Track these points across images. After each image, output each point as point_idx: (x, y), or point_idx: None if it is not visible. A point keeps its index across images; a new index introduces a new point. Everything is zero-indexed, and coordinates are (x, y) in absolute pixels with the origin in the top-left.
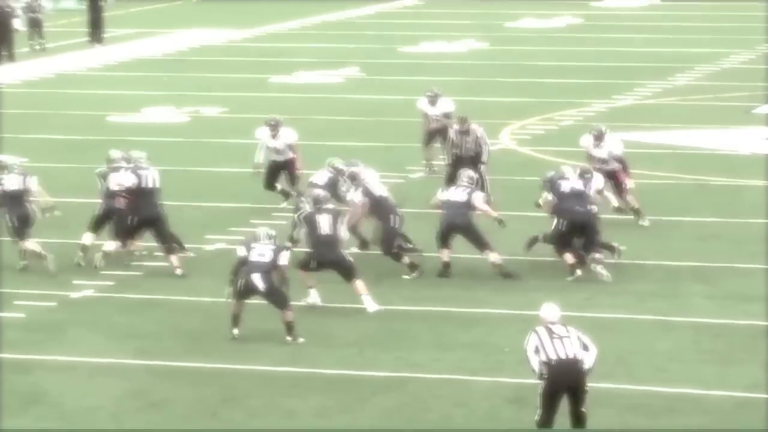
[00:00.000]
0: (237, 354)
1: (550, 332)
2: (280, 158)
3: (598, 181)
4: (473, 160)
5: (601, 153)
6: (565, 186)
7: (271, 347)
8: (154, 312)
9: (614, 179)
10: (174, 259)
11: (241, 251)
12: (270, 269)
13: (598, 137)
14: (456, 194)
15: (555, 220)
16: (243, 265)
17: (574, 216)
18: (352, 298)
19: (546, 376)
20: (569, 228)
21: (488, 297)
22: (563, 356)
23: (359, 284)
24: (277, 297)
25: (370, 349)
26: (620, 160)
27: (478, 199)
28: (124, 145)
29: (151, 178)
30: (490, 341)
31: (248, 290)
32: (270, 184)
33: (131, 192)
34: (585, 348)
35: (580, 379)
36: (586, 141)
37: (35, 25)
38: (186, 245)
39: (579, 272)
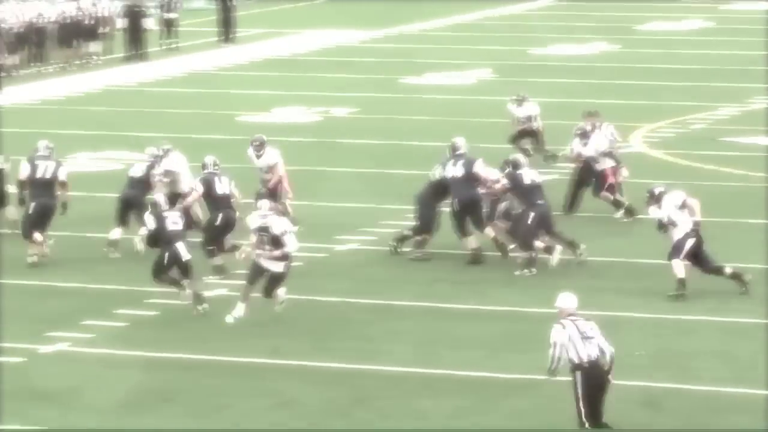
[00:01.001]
0: (368, 354)
1: (580, 332)
2: (267, 177)
3: None
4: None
5: (588, 151)
6: (527, 178)
7: (402, 348)
8: (286, 312)
9: (601, 178)
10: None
11: (151, 223)
12: (185, 235)
13: (583, 135)
14: (455, 170)
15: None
16: (158, 237)
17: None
18: (483, 299)
19: (581, 379)
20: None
21: (617, 300)
22: (594, 357)
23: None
24: (190, 267)
25: (502, 350)
26: (609, 155)
27: (479, 166)
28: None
29: (50, 169)
30: (621, 344)
31: (173, 261)
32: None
33: (28, 181)
34: (602, 351)
35: (607, 379)
36: (575, 143)
37: (169, 24)
38: (316, 245)
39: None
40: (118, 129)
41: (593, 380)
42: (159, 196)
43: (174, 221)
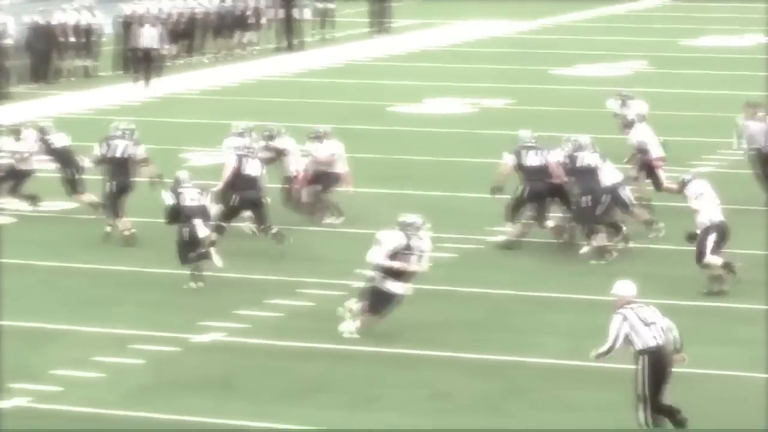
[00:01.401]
0: (520, 346)
1: (641, 318)
2: (329, 170)
3: None
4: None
5: (631, 141)
6: (582, 161)
7: (552, 340)
8: (439, 302)
9: (650, 168)
10: (119, 222)
11: (168, 199)
12: (205, 212)
13: (627, 125)
14: (532, 159)
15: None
16: (177, 213)
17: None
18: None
19: (647, 362)
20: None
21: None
22: (658, 342)
23: None
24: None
25: None
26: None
27: (553, 157)
28: (402, 136)
29: (122, 148)
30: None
31: (193, 238)
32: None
33: (104, 159)
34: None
35: (671, 365)
36: (631, 133)
37: (325, 14)
38: (469, 237)
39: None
40: (273, 119)
41: (658, 365)
42: (183, 173)
43: (192, 197)
